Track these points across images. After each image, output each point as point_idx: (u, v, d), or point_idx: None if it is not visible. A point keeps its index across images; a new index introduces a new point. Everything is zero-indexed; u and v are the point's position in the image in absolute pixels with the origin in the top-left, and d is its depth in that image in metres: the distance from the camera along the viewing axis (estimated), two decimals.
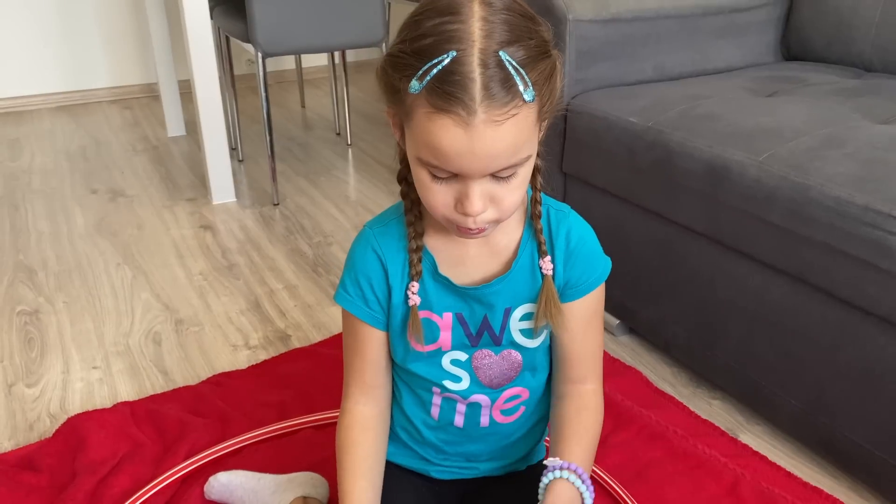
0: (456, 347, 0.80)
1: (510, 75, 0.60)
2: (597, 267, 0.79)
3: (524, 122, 0.62)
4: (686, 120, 1.22)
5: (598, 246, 0.80)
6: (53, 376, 1.33)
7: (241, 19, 1.99)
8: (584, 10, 1.36)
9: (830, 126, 1.13)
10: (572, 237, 0.77)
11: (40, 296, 1.60)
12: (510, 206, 0.67)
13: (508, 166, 0.64)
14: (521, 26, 0.63)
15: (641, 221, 1.30)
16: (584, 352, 0.81)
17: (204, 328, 1.48)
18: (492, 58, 0.60)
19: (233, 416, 1.19)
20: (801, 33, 1.59)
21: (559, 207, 0.79)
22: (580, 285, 0.78)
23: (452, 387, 0.81)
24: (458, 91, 0.59)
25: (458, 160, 0.62)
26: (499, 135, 0.61)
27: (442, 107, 0.60)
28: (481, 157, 0.61)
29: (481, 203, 0.65)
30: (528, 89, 0.61)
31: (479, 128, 0.60)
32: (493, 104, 0.60)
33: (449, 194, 0.66)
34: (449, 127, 0.60)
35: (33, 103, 3.03)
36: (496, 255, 0.77)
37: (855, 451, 1.03)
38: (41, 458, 1.10)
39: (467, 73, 0.59)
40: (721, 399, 1.26)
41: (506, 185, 0.65)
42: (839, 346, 1.02)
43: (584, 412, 0.82)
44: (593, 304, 0.80)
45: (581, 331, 0.80)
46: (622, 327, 1.44)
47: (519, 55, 0.61)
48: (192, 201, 2.11)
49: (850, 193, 0.96)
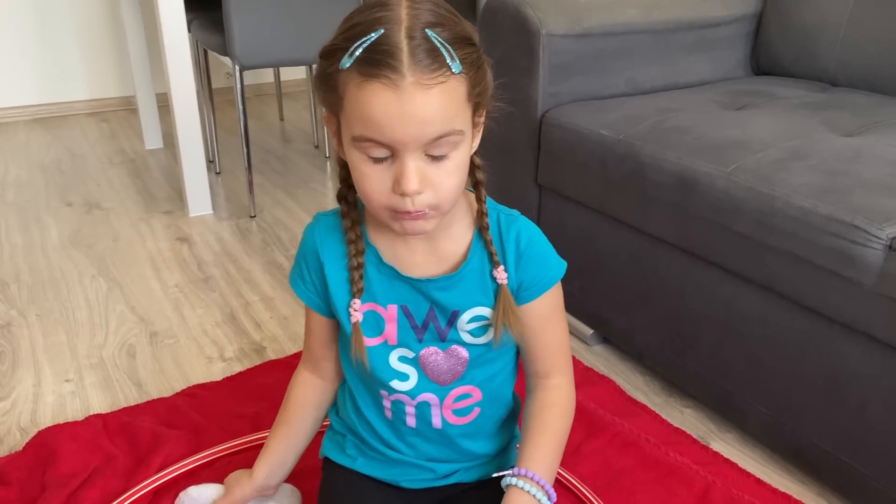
0: (402, 342, 0.81)
1: (436, 47, 0.63)
2: (550, 267, 0.81)
3: (454, 92, 0.64)
4: (657, 133, 1.24)
5: (550, 247, 0.82)
6: (24, 389, 1.32)
7: (219, 32, 1.99)
8: (557, 24, 1.38)
9: (796, 139, 1.16)
10: (522, 239, 0.78)
11: (12, 308, 1.59)
12: (447, 191, 0.68)
13: (441, 135, 0.64)
14: (445, 16, 0.66)
15: (614, 232, 1.32)
16: (546, 348, 0.84)
17: (179, 340, 1.47)
18: (418, 32, 0.63)
19: (207, 427, 1.18)
20: (769, 49, 1.63)
21: (508, 213, 0.81)
22: (533, 286, 0.79)
23: (400, 387, 0.82)
24: (387, 57, 0.61)
25: (390, 126, 0.63)
26: (428, 98, 0.62)
27: (371, 73, 0.62)
28: (412, 121, 0.62)
29: (417, 180, 0.65)
30: (454, 62, 0.63)
31: (409, 90, 0.61)
32: (420, 68, 0.62)
33: (385, 178, 0.66)
34: (379, 91, 0.62)
35: (9, 115, 3.01)
36: (443, 261, 0.78)
37: (822, 458, 1.05)
38: (10, 471, 1.08)
39: (395, 43, 0.62)
40: (693, 407, 1.27)
41: (441, 168, 0.67)
42: (805, 354, 1.04)
43: (548, 409, 0.84)
44: (550, 303, 0.82)
45: (541, 329, 0.82)
46: (596, 337, 1.45)
47: (444, 35, 0.64)
48: (168, 214, 2.10)
49: (814, 204, 0.98)
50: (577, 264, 1.43)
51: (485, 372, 0.84)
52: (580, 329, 1.47)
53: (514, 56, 1.43)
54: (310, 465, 1.02)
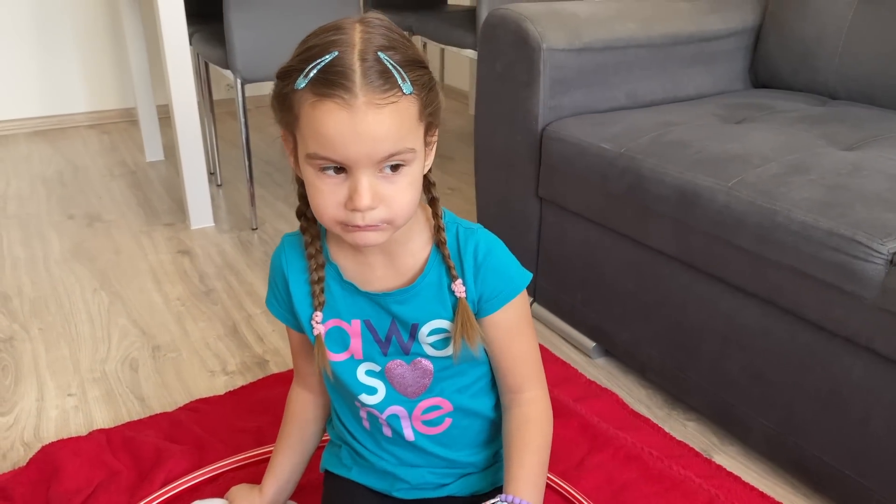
0: (368, 356, 0.83)
1: (388, 69, 0.65)
2: (510, 279, 0.80)
3: (405, 112, 0.66)
4: (657, 146, 1.25)
5: (511, 259, 0.82)
6: (28, 404, 1.32)
7: (221, 46, 2.00)
8: (558, 39, 1.39)
9: (796, 152, 1.16)
10: (479, 251, 0.79)
11: (15, 322, 1.59)
12: (400, 207, 0.69)
13: (393, 154, 0.66)
14: (397, 39, 0.68)
15: (616, 245, 1.33)
16: (515, 360, 0.84)
17: (181, 354, 1.47)
18: (371, 55, 0.65)
19: (210, 442, 1.18)
20: (768, 62, 1.64)
21: (468, 226, 0.81)
22: (494, 298, 0.80)
23: (368, 400, 0.84)
24: (340, 78, 0.64)
25: (342, 144, 0.65)
26: (380, 118, 0.64)
27: (325, 93, 0.64)
28: (364, 139, 0.64)
29: (369, 196, 0.67)
30: (406, 83, 0.66)
31: (361, 109, 0.64)
32: (372, 89, 0.64)
33: (338, 193, 0.68)
34: (333, 110, 0.64)
35: (10, 128, 3.01)
36: (402, 275, 0.80)
37: (825, 471, 1.05)
38: (14, 487, 1.08)
39: (348, 64, 0.64)
40: (696, 420, 1.28)
41: (394, 184, 0.68)
42: (807, 367, 1.04)
43: (526, 425, 0.84)
44: (515, 315, 0.82)
45: (507, 340, 0.82)
46: (598, 350, 1.46)
47: (396, 57, 0.66)
48: (170, 226, 2.11)
49: (815, 218, 0.98)
50: (579, 277, 1.44)
51: (454, 384, 0.85)
52: (582, 342, 1.47)
53: (514, 70, 1.44)
54: (313, 479, 1.02)
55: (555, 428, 1.21)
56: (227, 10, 1.90)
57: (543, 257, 1.53)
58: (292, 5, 1.96)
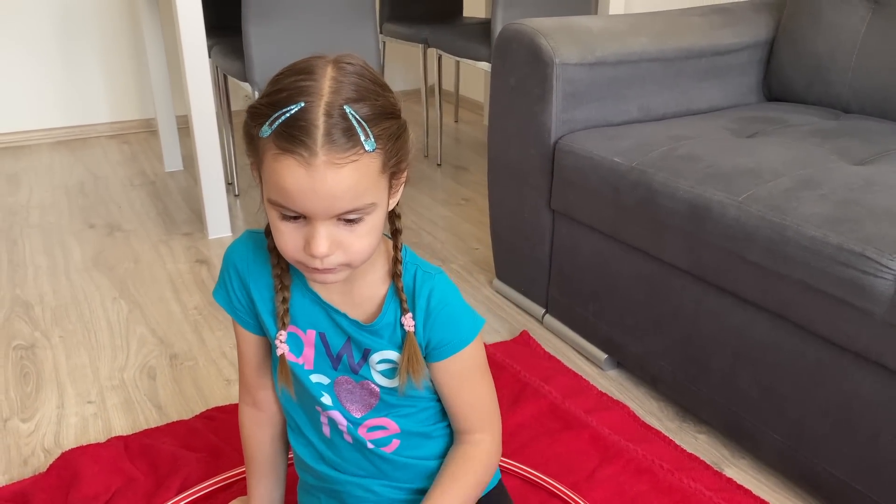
0: (318, 368, 0.83)
1: (352, 126, 0.65)
2: (459, 330, 0.80)
3: (365, 169, 0.66)
4: (669, 160, 1.26)
5: (464, 309, 0.81)
6: (48, 411, 1.35)
7: (239, 59, 2.04)
8: (570, 54, 1.40)
9: (808, 167, 1.17)
10: (433, 298, 0.78)
11: (36, 330, 1.62)
12: (358, 253, 0.70)
13: (351, 210, 0.67)
14: (368, 89, 0.68)
15: (627, 258, 1.34)
16: (463, 406, 0.84)
17: (198, 363, 1.50)
18: (336, 109, 0.65)
19: (225, 450, 1.20)
20: (781, 75, 1.65)
21: (427, 269, 0.80)
22: (443, 347, 0.80)
23: (327, 401, 0.85)
24: (302, 134, 0.64)
25: (301, 199, 0.66)
26: (339, 177, 0.65)
27: (287, 148, 0.65)
28: (322, 196, 0.65)
29: (326, 245, 0.68)
30: (368, 140, 0.66)
31: (320, 169, 0.64)
32: (333, 148, 0.64)
33: (298, 236, 0.69)
34: (293, 167, 0.65)
35: (33, 138, 3.07)
36: (358, 305, 0.81)
37: (835, 485, 1.05)
38: (34, 492, 1.11)
39: (312, 120, 0.64)
40: (707, 433, 1.28)
41: (353, 231, 0.69)
42: (818, 381, 1.04)
43: (464, 461, 0.85)
44: (463, 364, 0.82)
45: (456, 387, 0.83)
46: (610, 362, 1.46)
47: (363, 111, 0.66)
48: (188, 236, 2.14)
49: (825, 233, 0.99)
50: (591, 289, 1.45)
51: (401, 410, 0.85)
52: (594, 353, 1.48)
53: (527, 84, 1.46)
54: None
55: (566, 440, 1.23)
56: (245, 24, 1.93)
57: (556, 269, 1.54)
58: (310, 19, 1.99)
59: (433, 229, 2.16)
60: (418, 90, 3.68)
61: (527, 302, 1.67)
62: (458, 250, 2.03)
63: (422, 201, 2.37)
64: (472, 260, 1.97)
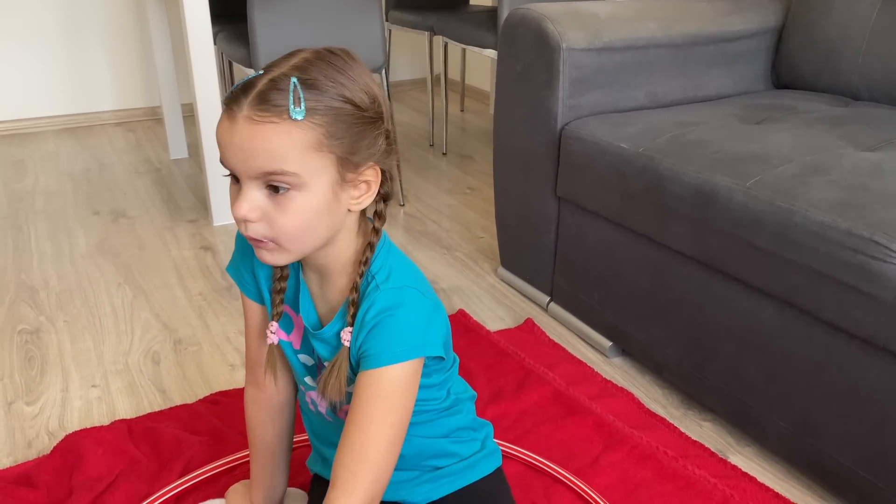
0: (304, 349, 0.84)
1: (287, 93, 0.66)
2: (392, 344, 0.72)
3: (287, 136, 0.66)
4: (676, 146, 1.25)
5: (410, 329, 0.74)
6: (53, 394, 1.35)
7: (244, 45, 2.03)
8: (578, 39, 1.39)
9: (816, 153, 1.16)
10: (371, 311, 0.74)
11: (41, 315, 1.62)
12: (283, 230, 0.70)
13: (268, 172, 0.67)
14: (333, 74, 0.69)
15: (633, 245, 1.33)
16: (348, 440, 0.73)
17: (202, 348, 1.50)
18: (283, 79, 0.67)
19: (228, 434, 1.20)
20: (790, 62, 1.63)
21: (390, 284, 0.75)
22: (368, 357, 0.73)
23: (310, 382, 0.86)
24: (241, 93, 0.68)
25: (224, 151, 0.69)
26: (254, 132, 0.66)
27: (226, 104, 0.69)
28: (236, 149, 0.67)
29: (246, 207, 0.69)
30: (297, 109, 0.66)
31: (240, 121, 0.67)
32: (258, 106, 0.66)
33: (235, 199, 0.71)
34: (223, 121, 0.68)
35: (38, 125, 3.07)
36: (327, 302, 0.81)
37: (841, 473, 1.04)
38: (39, 474, 1.11)
39: (256, 83, 0.68)
40: (712, 421, 1.27)
41: (279, 206, 0.69)
42: (825, 368, 1.04)
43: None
44: (381, 386, 0.72)
45: (357, 408, 0.73)
46: (614, 349, 1.46)
47: (310, 85, 0.67)
48: (193, 223, 2.14)
49: (833, 219, 0.98)
50: (596, 276, 1.44)
51: None
52: (599, 341, 1.47)
53: (534, 70, 1.45)
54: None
55: (570, 426, 1.23)
56: (250, 10, 1.93)
57: (561, 256, 1.53)
58: (315, 5, 1.98)
59: (438, 218, 2.15)
60: (424, 79, 3.67)
61: (531, 290, 1.67)
62: (463, 239, 2.02)
63: (427, 190, 2.37)
64: (477, 248, 1.96)
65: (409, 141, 2.89)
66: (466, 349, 1.44)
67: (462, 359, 1.40)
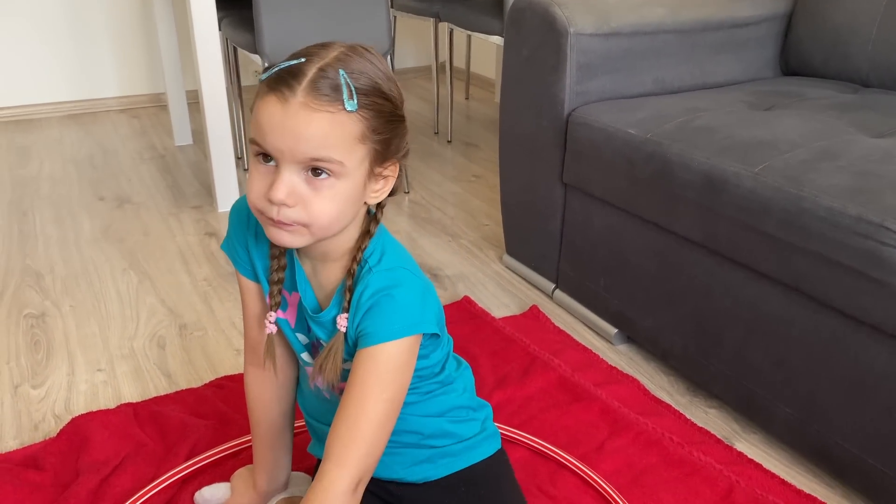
0: (298, 328, 0.85)
1: (339, 84, 0.68)
2: (388, 322, 0.74)
3: (340, 126, 0.68)
4: (684, 132, 1.24)
5: (406, 308, 0.75)
6: (59, 378, 1.35)
7: (249, 31, 2.02)
8: (585, 24, 1.38)
9: (826, 139, 1.15)
10: (366, 292, 0.75)
11: (47, 299, 1.63)
12: (318, 216, 0.70)
13: (316, 158, 0.68)
14: (372, 70, 0.71)
15: (640, 231, 1.32)
16: (344, 416, 0.74)
17: (207, 332, 1.50)
18: (331, 69, 0.69)
19: (234, 418, 1.20)
20: (799, 49, 1.62)
21: (382, 266, 0.76)
22: (365, 335, 0.75)
23: (307, 359, 0.87)
24: (290, 77, 0.68)
25: (272, 134, 0.68)
26: (310, 119, 0.67)
27: (273, 87, 0.68)
28: (288, 133, 0.67)
29: (285, 191, 0.69)
30: (351, 101, 0.68)
31: (294, 107, 0.67)
32: (312, 94, 0.67)
33: (265, 181, 0.70)
34: (272, 103, 0.68)
35: (42, 112, 3.07)
36: (322, 288, 0.81)
37: (848, 460, 1.04)
38: (45, 457, 1.11)
39: (304, 70, 0.68)
40: (717, 408, 1.27)
41: (316, 190, 0.70)
42: (832, 354, 1.03)
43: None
44: (377, 367, 0.74)
45: (352, 385, 0.74)
46: (620, 336, 1.45)
47: (357, 79, 0.69)
48: (197, 209, 2.14)
49: (843, 204, 0.97)
50: (602, 263, 1.44)
51: None
52: (604, 328, 1.47)
53: (541, 55, 1.44)
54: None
55: (575, 412, 1.23)
56: None
57: (567, 243, 1.53)
58: None
59: (443, 205, 2.15)
60: (429, 67, 3.65)
61: (536, 277, 1.66)
62: (468, 226, 2.02)
63: (432, 177, 2.36)
64: (482, 236, 1.96)
65: (413, 128, 2.88)
66: (471, 335, 1.44)
67: (467, 345, 1.40)
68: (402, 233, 1.97)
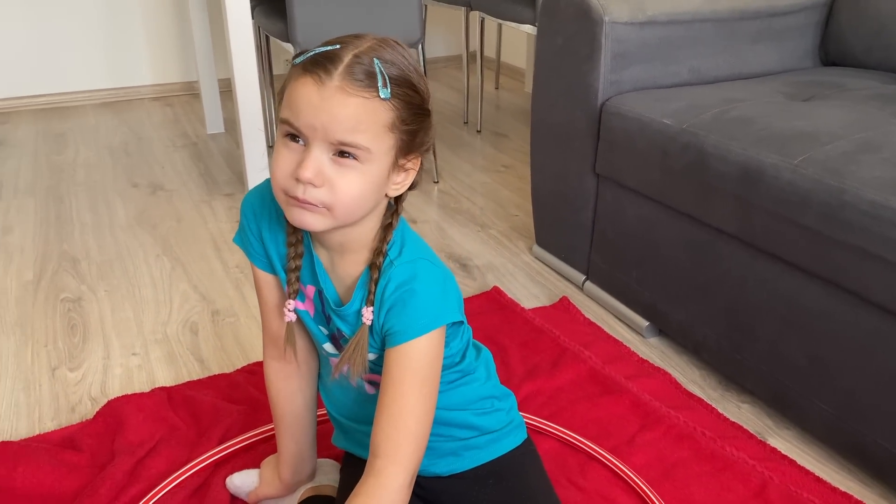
0: (318, 320, 0.84)
1: (374, 72, 0.69)
2: (414, 318, 0.75)
3: (373, 112, 0.69)
4: (721, 123, 1.22)
5: (430, 301, 0.76)
6: (95, 361, 1.38)
7: (282, 19, 2.03)
8: (621, 12, 1.37)
9: (867, 130, 1.12)
10: (389, 286, 0.76)
11: (83, 284, 1.66)
12: (343, 197, 0.70)
13: (346, 142, 0.68)
14: (404, 63, 0.72)
15: (673, 223, 1.31)
16: (386, 415, 0.75)
17: (239, 319, 1.51)
18: (366, 57, 0.70)
19: (265, 403, 1.20)
20: (840, 38, 1.58)
21: (410, 258, 0.77)
22: (394, 334, 0.76)
23: (330, 349, 0.87)
24: (326, 62, 0.69)
25: (306, 113, 0.68)
26: (345, 103, 0.68)
27: (309, 69, 0.69)
28: (323, 114, 0.68)
29: (313, 169, 0.69)
30: (385, 89, 0.69)
31: (330, 90, 0.68)
32: (349, 79, 0.68)
33: (292, 160, 0.71)
34: (308, 84, 0.69)
35: (79, 99, 3.11)
36: (339, 280, 0.81)
37: (887, 458, 1.02)
38: (82, 438, 1.14)
39: (340, 56, 0.69)
40: (750, 403, 1.26)
41: (343, 173, 0.70)
42: (872, 350, 1.01)
43: (367, 498, 0.74)
44: (410, 361, 0.75)
45: (389, 385, 0.75)
46: (651, 329, 1.44)
47: (390, 69, 0.70)
48: (229, 196, 2.16)
49: (886, 198, 0.95)
50: (635, 255, 1.42)
51: None
52: (635, 321, 1.46)
53: (575, 43, 1.42)
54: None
55: (606, 404, 1.22)
56: None
57: (599, 235, 1.52)
58: None
59: (472, 195, 2.14)
60: (459, 56, 3.64)
61: (567, 268, 1.65)
62: (498, 217, 2.01)
63: (461, 168, 2.35)
64: (512, 226, 1.95)
65: (443, 118, 2.87)
66: (501, 326, 1.44)
67: (496, 335, 1.40)
68: (431, 222, 1.97)
